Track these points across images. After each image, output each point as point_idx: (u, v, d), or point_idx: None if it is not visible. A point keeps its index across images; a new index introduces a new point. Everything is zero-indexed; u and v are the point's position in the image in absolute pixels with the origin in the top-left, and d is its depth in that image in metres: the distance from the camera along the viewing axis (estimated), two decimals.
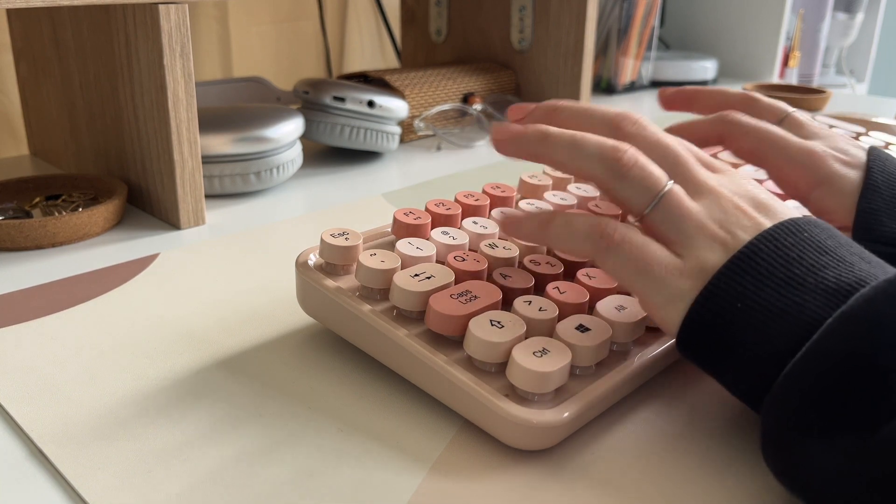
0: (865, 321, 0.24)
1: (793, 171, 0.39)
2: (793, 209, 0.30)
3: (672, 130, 0.43)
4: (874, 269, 0.27)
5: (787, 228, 0.28)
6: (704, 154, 0.33)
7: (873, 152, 0.39)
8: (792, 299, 0.26)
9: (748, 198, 0.30)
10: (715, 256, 0.28)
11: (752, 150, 0.40)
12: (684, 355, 0.29)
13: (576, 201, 0.44)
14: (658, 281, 0.28)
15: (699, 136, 0.42)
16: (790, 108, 0.43)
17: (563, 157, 0.31)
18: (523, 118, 0.35)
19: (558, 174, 0.47)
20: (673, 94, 0.48)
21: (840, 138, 0.41)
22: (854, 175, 0.38)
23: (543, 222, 0.31)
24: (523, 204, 0.41)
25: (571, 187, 0.46)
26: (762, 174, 0.50)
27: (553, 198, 0.43)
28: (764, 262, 0.27)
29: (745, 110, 0.43)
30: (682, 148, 0.32)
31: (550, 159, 0.32)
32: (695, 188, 0.30)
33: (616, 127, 0.32)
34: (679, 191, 0.30)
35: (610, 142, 0.30)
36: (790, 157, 0.39)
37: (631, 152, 0.30)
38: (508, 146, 0.33)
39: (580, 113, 0.34)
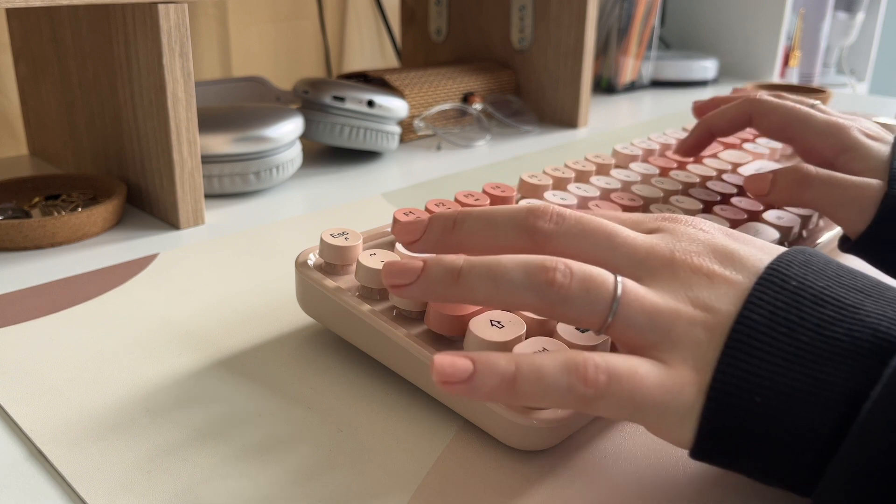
0: None
1: (818, 141, 0.41)
2: (761, 248, 0.27)
3: (705, 120, 0.47)
4: (878, 304, 0.24)
5: (774, 283, 0.24)
6: (635, 214, 0.29)
7: None
8: (811, 375, 0.23)
9: (708, 251, 0.26)
10: (702, 347, 0.24)
11: (778, 126, 0.43)
12: (700, 460, 0.25)
13: (576, 202, 0.43)
14: (661, 407, 0.24)
15: (728, 121, 0.45)
16: (814, 101, 0.46)
17: (484, 293, 0.26)
18: (417, 241, 0.29)
19: (558, 174, 0.47)
20: (705, 104, 0.52)
21: (866, 121, 0.43)
22: (881, 147, 0.40)
23: (507, 381, 0.23)
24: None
25: (572, 187, 0.46)
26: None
27: (553, 197, 0.43)
28: (765, 336, 0.23)
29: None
30: (611, 223, 0.27)
31: (470, 299, 0.26)
32: (644, 268, 0.26)
33: (530, 229, 0.27)
34: (633, 287, 0.25)
35: (535, 260, 0.25)
36: (815, 129, 0.41)
37: (562, 265, 0.25)
38: (411, 291, 0.27)
39: (483, 222, 0.28)
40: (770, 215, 0.44)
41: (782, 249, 0.27)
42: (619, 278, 0.25)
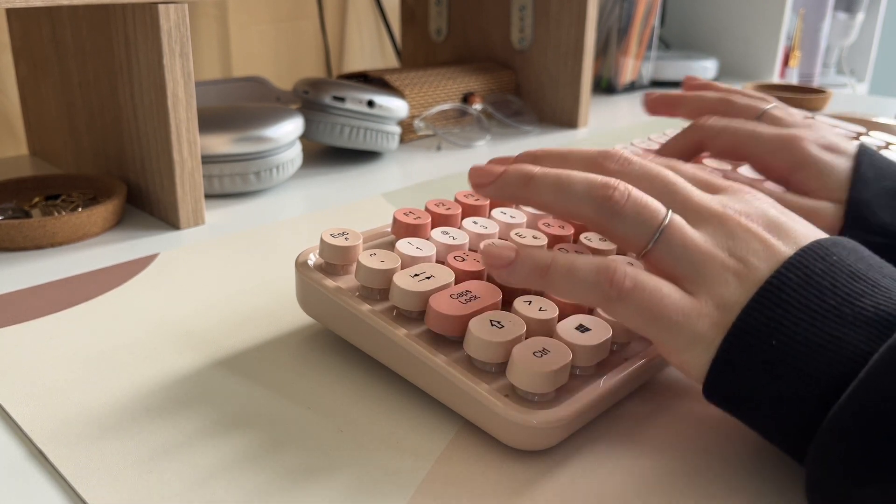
0: None
1: (770, 159, 0.40)
2: (811, 228, 0.28)
3: (659, 154, 0.43)
4: None
5: (815, 253, 0.26)
6: (704, 173, 0.31)
7: (862, 147, 0.40)
8: (830, 333, 0.24)
9: (759, 217, 0.28)
10: (730, 290, 0.26)
11: (728, 148, 0.41)
12: (712, 401, 0.27)
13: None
14: (675, 326, 0.26)
15: (680, 150, 0.43)
16: (767, 105, 0.44)
17: (549, 198, 0.29)
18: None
19: None
20: (657, 98, 0.49)
21: (823, 128, 0.42)
22: (839, 161, 0.39)
23: (541, 268, 0.27)
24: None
25: None
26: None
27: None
28: (795, 293, 0.25)
29: (723, 112, 0.44)
30: (675, 174, 0.30)
31: (537, 202, 0.30)
32: (696, 215, 0.28)
33: (599, 168, 0.30)
34: (680, 221, 0.28)
35: (599, 178, 0.29)
36: (766, 146, 0.40)
37: (622, 186, 0.28)
38: (489, 189, 0.31)
39: (558, 160, 0.32)
40: None
41: (828, 235, 0.28)
42: (671, 212, 0.28)
